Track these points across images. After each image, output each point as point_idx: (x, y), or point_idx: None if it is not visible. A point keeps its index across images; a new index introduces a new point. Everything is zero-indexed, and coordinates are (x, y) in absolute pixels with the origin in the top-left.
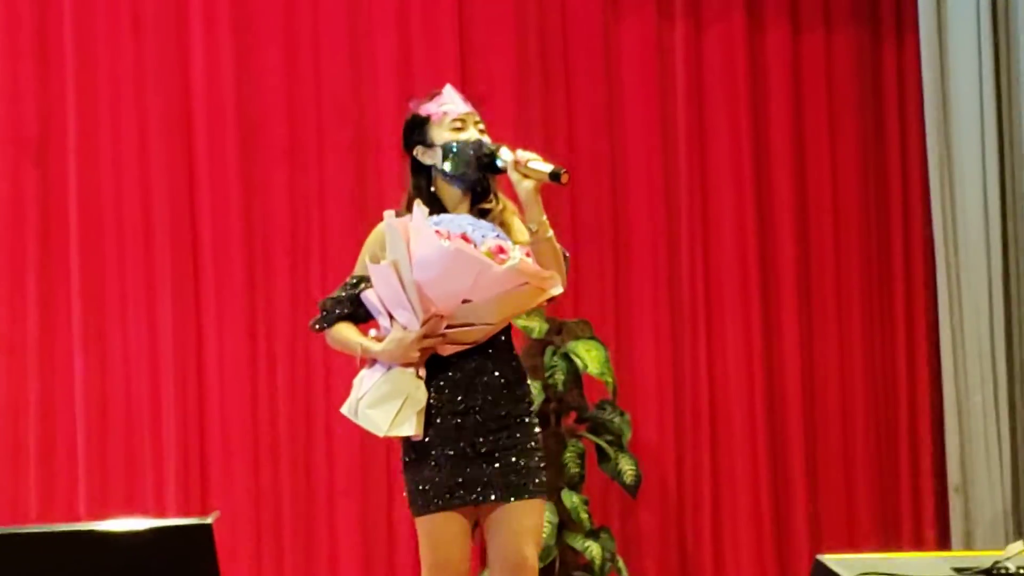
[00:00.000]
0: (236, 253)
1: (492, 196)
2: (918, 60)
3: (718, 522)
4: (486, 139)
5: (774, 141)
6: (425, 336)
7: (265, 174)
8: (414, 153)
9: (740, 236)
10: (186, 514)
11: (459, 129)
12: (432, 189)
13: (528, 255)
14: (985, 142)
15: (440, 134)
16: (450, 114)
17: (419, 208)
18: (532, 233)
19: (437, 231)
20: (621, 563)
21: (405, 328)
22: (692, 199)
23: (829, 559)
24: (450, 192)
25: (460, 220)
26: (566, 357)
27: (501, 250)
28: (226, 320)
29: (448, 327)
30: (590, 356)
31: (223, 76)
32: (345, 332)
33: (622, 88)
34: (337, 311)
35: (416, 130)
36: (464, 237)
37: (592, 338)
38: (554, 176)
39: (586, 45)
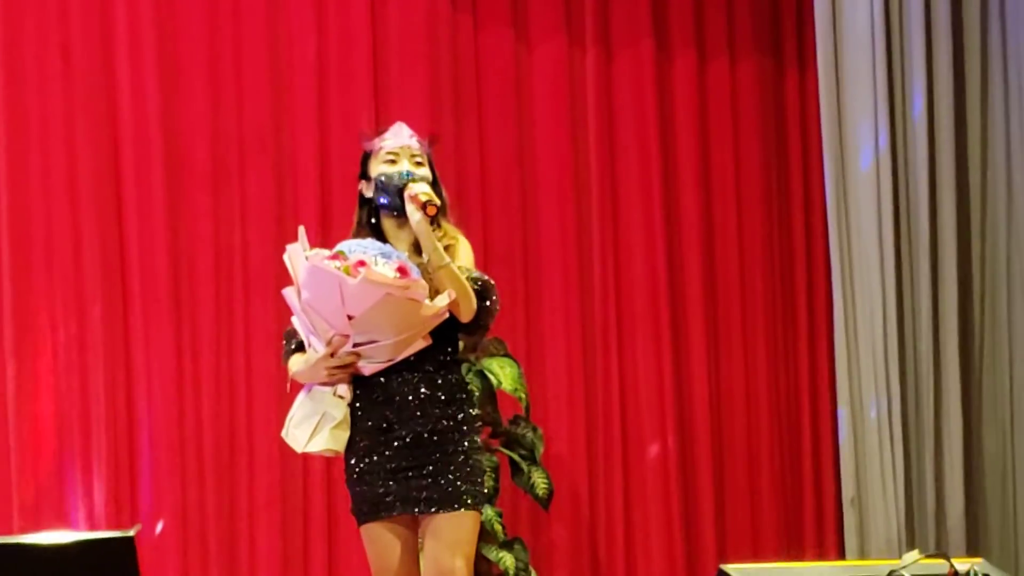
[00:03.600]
0: (162, 275)
1: (435, 226)
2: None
3: (629, 533)
4: (420, 172)
5: (682, 164)
6: (332, 355)
7: (189, 198)
8: (359, 186)
9: (649, 255)
10: (117, 527)
11: (392, 162)
12: (373, 221)
13: (401, 271)
14: (879, 161)
15: (376, 167)
16: (385, 148)
17: (301, 231)
18: (425, 263)
19: (334, 256)
20: (534, 573)
21: (316, 350)
22: (603, 219)
23: (732, 568)
24: (388, 223)
25: (367, 246)
26: (480, 374)
27: (361, 263)
28: (152, 338)
29: (356, 345)
30: (504, 373)
31: (149, 104)
32: (292, 364)
33: (533, 113)
34: (292, 345)
35: (363, 164)
36: (361, 263)
37: (506, 355)
38: (422, 207)
39: (498, 74)
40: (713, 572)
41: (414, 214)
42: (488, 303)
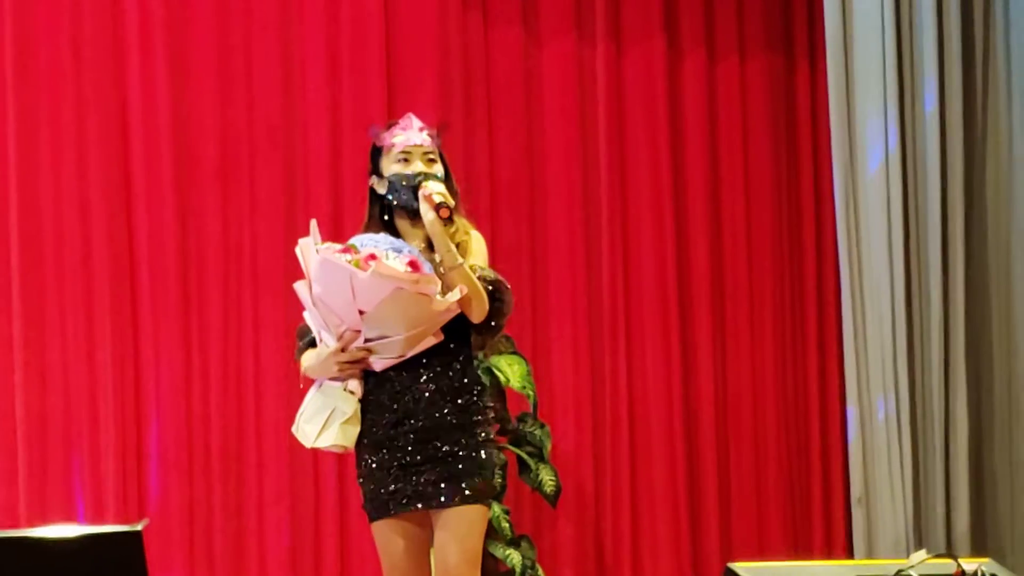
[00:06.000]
0: (171, 270)
1: (448, 222)
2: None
3: (635, 531)
4: (434, 170)
5: (691, 162)
6: (343, 350)
7: (199, 193)
8: (370, 182)
9: (658, 253)
10: (124, 522)
11: (405, 162)
12: (385, 217)
13: (412, 265)
14: (889, 160)
15: (389, 165)
16: (397, 146)
17: (313, 225)
18: (437, 264)
19: (345, 249)
20: (541, 571)
21: (328, 345)
22: (612, 218)
23: (739, 567)
24: (401, 221)
25: (379, 240)
26: (489, 371)
27: (372, 257)
28: (161, 335)
29: (367, 340)
30: (512, 370)
31: (159, 100)
32: (303, 359)
33: (543, 111)
34: (303, 340)
35: (373, 159)
36: (372, 256)
37: (514, 353)
38: (436, 209)
39: (508, 72)
40: (719, 570)
41: (427, 214)
42: (500, 303)
